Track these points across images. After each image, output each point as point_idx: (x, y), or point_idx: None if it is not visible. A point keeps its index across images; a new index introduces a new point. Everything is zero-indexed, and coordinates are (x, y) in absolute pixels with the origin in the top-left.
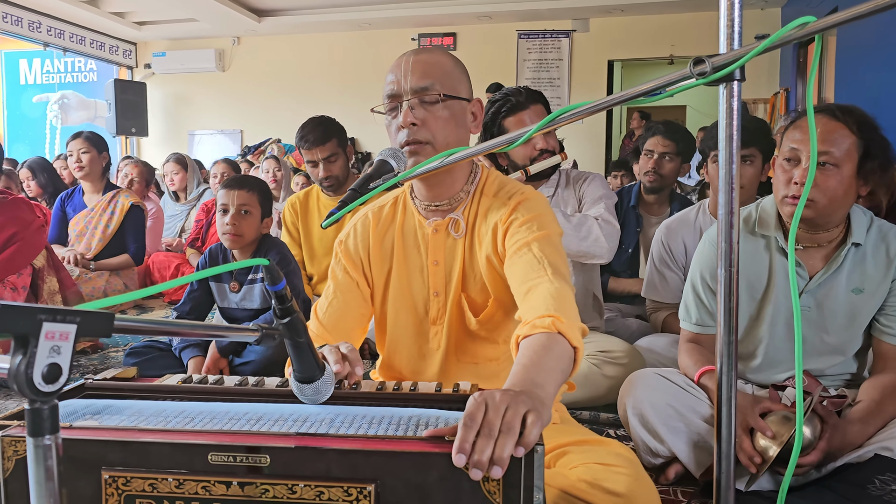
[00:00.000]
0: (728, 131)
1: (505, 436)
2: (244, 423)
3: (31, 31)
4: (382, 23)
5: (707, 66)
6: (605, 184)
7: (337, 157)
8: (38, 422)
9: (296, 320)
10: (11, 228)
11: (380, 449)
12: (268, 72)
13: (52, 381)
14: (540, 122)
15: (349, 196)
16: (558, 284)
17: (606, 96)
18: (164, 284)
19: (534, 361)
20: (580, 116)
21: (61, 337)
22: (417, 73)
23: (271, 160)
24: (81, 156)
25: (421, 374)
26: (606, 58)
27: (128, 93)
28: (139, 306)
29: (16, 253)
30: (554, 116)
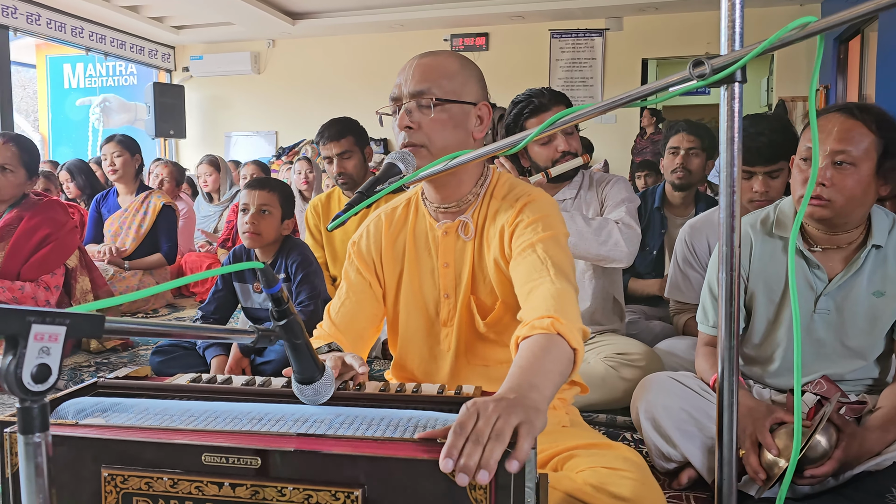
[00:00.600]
0: (729, 134)
1: (493, 442)
2: (245, 423)
3: (74, 37)
4: (415, 24)
5: (707, 67)
6: (628, 187)
7: (351, 155)
8: (29, 420)
9: (293, 322)
10: (46, 229)
11: (368, 454)
12: (302, 74)
13: (41, 381)
14: (539, 126)
15: (355, 199)
16: (560, 285)
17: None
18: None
19: (531, 363)
20: (583, 119)
21: (51, 338)
22: (417, 77)
23: (303, 161)
24: (115, 159)
25: (432, 376)
26: (640, 56)
27: (166, 96)
28: (171, 305)
29: (49, 253)
30: (554, 119)
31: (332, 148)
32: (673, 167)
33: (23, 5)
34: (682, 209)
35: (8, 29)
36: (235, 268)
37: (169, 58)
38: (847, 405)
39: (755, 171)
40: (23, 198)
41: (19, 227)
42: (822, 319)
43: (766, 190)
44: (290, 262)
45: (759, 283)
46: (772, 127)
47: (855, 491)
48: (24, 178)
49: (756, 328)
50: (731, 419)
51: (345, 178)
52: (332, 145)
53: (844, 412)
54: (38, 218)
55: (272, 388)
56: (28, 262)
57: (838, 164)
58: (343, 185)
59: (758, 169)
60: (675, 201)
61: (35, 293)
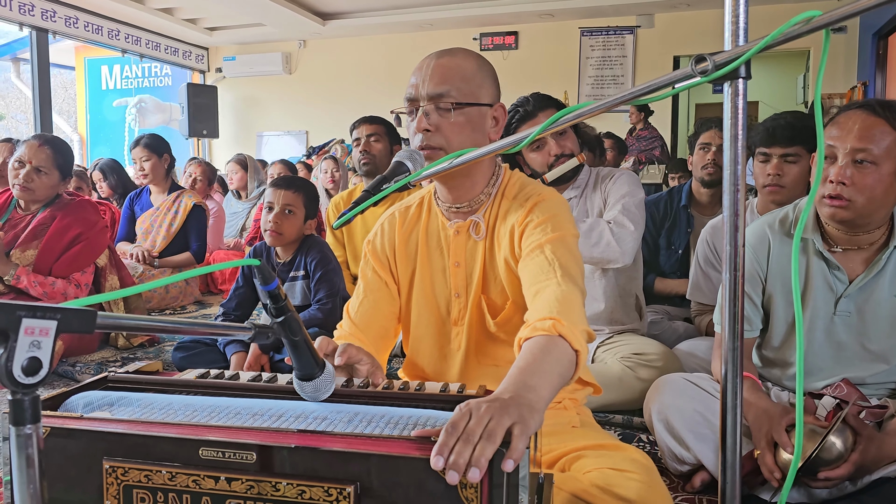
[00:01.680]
0: (733, 131)
1: (484, 441)
2: (245, 419)
3: (111, 39)
4: (444, 23)
5: (709, 63)
6: (630, 180)
7: (379, 140)
8: (20, 412)
9: (290, 319)
10: (77, 229)
11: (360, 450)
12: (332, 73)
13: (32, 374)
14: (542, 125)
15: (362, 197)
16: (566, 287)
17: (670, 96)
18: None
19: (530, 364)
20: (585, 117)
21: (41, 332)
22: (435, 79)
23: (329, 160)
24: (143, 164)
25: (443, 375)
26: (672, 54)
27: (200, 96)
28: (199, 302)
29: (81, 252)
30: (557, 117)
31: (364, 129)
32: (703, 163)
33: (62, 9)
34: (709, 208)
35: (48, 32)
36: (233, 264)
37: (202, 59)
38: (867, 409)
39: (771, 154)
40: (56, 198)
41: (52, 227)
42: (843, 322)
43: (779, 173)
44: (310, 259)
45: (778, 284)
46: (793, 114)
47: (873, 497)
48: (58, 180)
49: (775, 330)
50: (735, 421)
51: (367, 159)
52: (364, 127)
53: (864, 416)
54: (70, 218)
55: (276, 385)
56: (59, 259)
57: (859, 162)
58: (364, 164)
59: (774, 150)
60: (703, 199)
61: (66, 289)
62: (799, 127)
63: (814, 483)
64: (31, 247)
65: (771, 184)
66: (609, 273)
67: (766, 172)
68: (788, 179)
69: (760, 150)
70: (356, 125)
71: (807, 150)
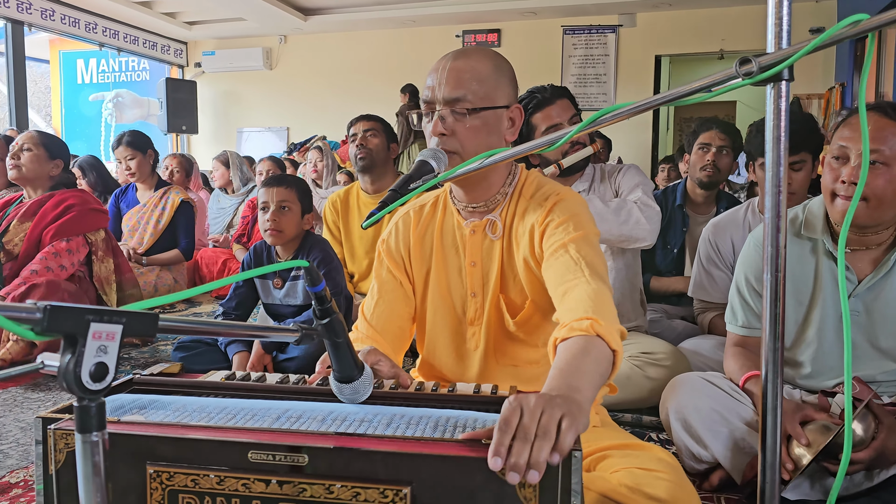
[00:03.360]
0: (775, 133)
1: (541, 440)
2: (284, 421)
3: (88, 32)
4: (427, 20)
5: (754, 65)
6: (640, 172)
7: (376, 135)
8: (86, 419)
9: (335, 321)
10: (72, 201)
11: (416, 451)
12: (314, 70)
13: (99, 380)
14: (583, 122)
15: (389, 196)
16: (595, 286)
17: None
18: (213, 284)
19: (571, 365)
20: (624, 117)
21: (108, 337)
22: (451, 83)
23: (315, 151)
24: (129, 163)
25: (460, 376)
26: (654, 53)
27: (179, 91)
28: (189, 301)
29: (71, 220)
30: (597, 116)
31: (361, 126)
32: (703, 164)
33: (38, 1)
34: (704, 207)
35: (23, 24)
36: (286, 265)
37: (181, 53)
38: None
39: None
40: (57, 185)
41: (50, 201)
42: (853, 321)
43: (788, 182)
44: (312, 258)
45: (789, 283)
46: (794, 119)
47: (890, 493)
48: (46, 158)
49: (787, 328)
50: (776, 422)
51: (364, 153)
52: (361, 123)
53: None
54: (69, 194)
55: (308, 387)
56: (50, 225)
57: (871, 163)
58: (361, 160)
59: None
60: (698, 199)
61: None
62: (801, 133)
63: (832, 467)
64: (28, 218)
65: None
66: (619, 264)
67: None
68: (795, 186)
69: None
70: (353, 122)
71: (809, 152)
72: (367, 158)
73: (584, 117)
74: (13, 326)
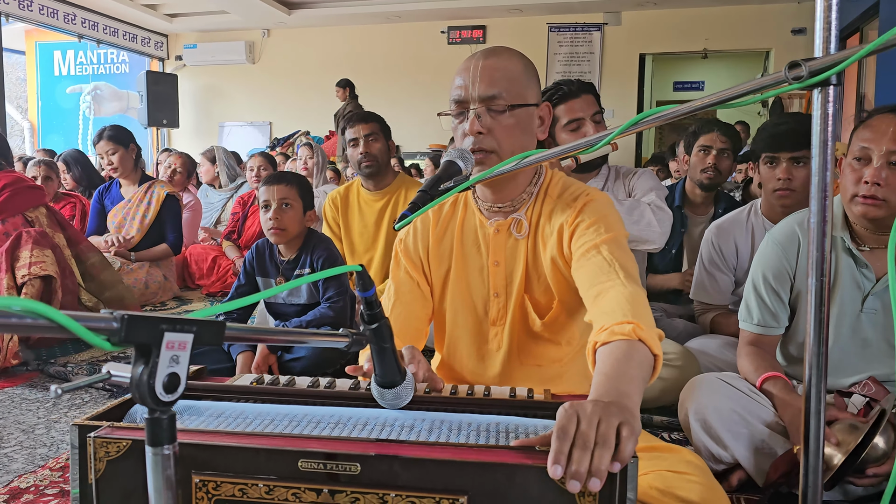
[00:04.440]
0: (822, 137)
1: (601, 448)
2: (325, 428)
3: (66, 23)
4: (412, 15)
5: (804, 70)
6: (654, 177)
7: (377, 139)
8: (158, 431)
9: (383, 326)
10: (2, 181)
11: (472, 460)
12: (297, 64)
13: (171, 391)
14: (625, 124)
15: (420, 197)
16: (632, 288)
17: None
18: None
19: (617, 370)
20: (666, 120)
21: (180, 346)
22: (486, 81)
23: (305, 148)
24: (111, 157)
25: (481, 376)
26: (638, 51)
27: (159, 84)
28: (178, 298)
29: (6, 200)
30: (640, 118)
31: (360, 129)
32: (703, 166)
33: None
34: (702, 208)
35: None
36: (336, 272)
37: (162, 46)
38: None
39: (779, 157)
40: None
41: None
42: (870, 319)
43: (790, 177)
44: (316, 257)
45: (807, 281)
46: (796, 119)
47: None
48: None
49: (802, 326)
50: (819, 426)
51: (369, 161)
52: (360, 126)
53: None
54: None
55: (344, 391)
56: None
57: (893, 164)
58: (367, 167)
59: (782, 155)
60: (697, 200)
61: None
62: (802, 131)
63: (860, 480)
64: None
65: (781, 188)
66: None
67: (776, 177)
68: (798, 182)
69: (768, 154)
70: (351, 124)
71: None
72: (373, 166)
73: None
74: (91, 336)
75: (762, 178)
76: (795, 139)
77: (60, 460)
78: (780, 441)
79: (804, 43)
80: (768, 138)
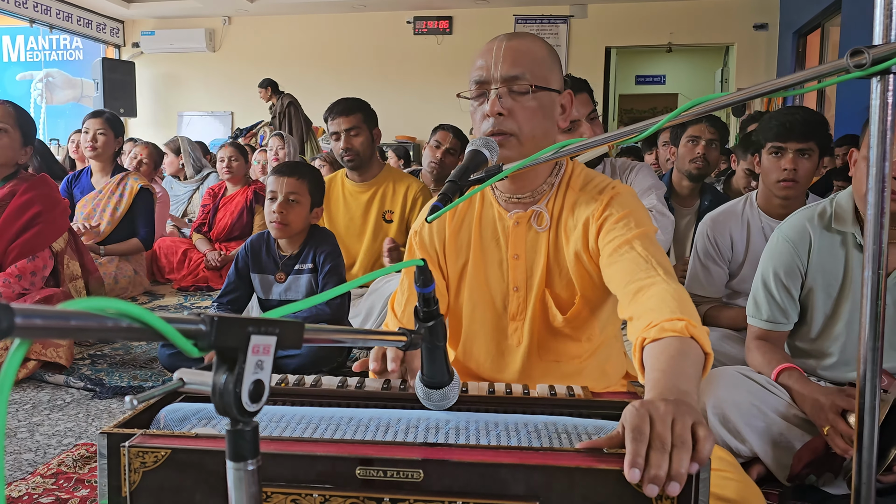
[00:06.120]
0: (881, 126)
1: (680, 449)
2: (372, 431)
3: (17, 7)
4: (377, 4)
5: (867, 57)
6: (652, 173)
7: (359, 133)
8: (241, 444)
9: (439, 324)
10: (37, 207)
11: (542, 464)
12: (260, 53)
13: (256, 400)
14: (668, 116)
15: (449, 187)
16: (675, 286)
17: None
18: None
19: (673, 368)
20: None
21: (264, 350)
22: (508, 61)
23: (276, 138)
24: (98, 136)
25: (501, 372)
26: (604, 44)
27: (116, 72)
28: (149, 293)
29: (37, 234)
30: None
31: (341, 123)
32: (692, 156)
33: None
34: (689, 199)
35: None
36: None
37: (118, 32)
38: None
39: (786, 148)
40: (17, 172)
41: (12, 203)
42: None
43: (795, 167)
44: (319, 252)
45: (818, 277)
46: (805, 110)
47: None
48: (20, 143)
49: (814, 322)
50: (873, 422)
51: (351, 156)
52: (342, 120)
53: None
54: (32, 193)
55: (383, 392)
56: (15, 241)
57: None
58: (349, 161)
59: (790, 145)
60: (684, 192)
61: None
62: (813, 122)
63: (885, 478)
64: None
65: (787, 179)
66: None
67: (782, 167)
68: (802, 174)
69: (775, 144)
70: (332, 116)
71: (818, 145)
72: (355, 160)
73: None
74: (183, 341)
75: (763, 168)
76: (804, 130)
77: (52, 466)
78: (798, 433)
79: (766, 38)
80: (778, 126)
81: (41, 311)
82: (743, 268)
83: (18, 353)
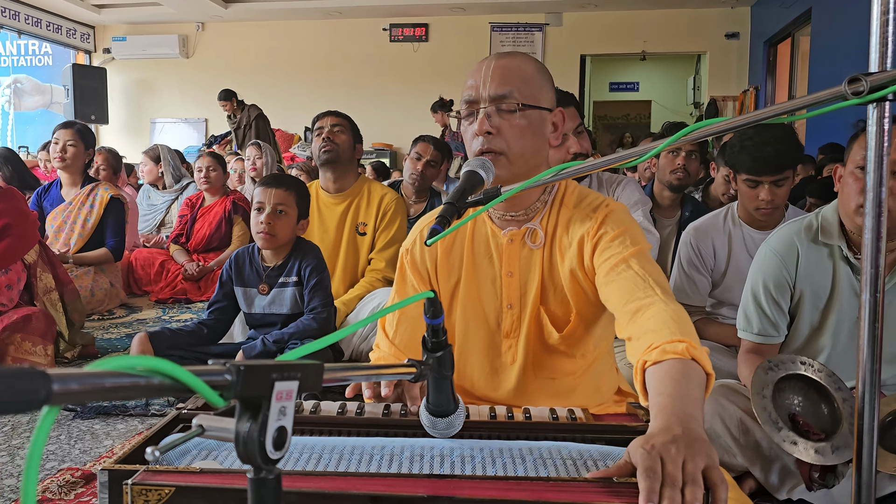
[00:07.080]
0: (878, 152)
1: (692, 486)
2: (377, 462)
3: None
4: (353, 12)
5: (864, 84)
6: (639, 188)
7: (343, 132)
8: (265, 494)
9: (447, 355)
10: (5, 219)
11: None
12: (234, 60)
13: (280, 447)
14: (668, 140)
15: (447, 210)
16: (674, 306)
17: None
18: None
19: (678, 392)
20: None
21: (287, 396)
22: (497, 80)
23: (253, 147)
24: (68, 147)
25: (495, 390)
26: (579, 52)
27: (87, 78)
28: (126, 306)
29: (8, 248)
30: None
31: (328, 121)
32: (673, 167)
33: None
34: (670, 210)
35: None
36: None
37: (89, 38)
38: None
39: (761, 181)
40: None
41: None
42: None
43: (772, 198)
44: (305, 265)
45: (807, 289)
46: (776, 136)
47: None
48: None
49: (799, 333)
50: (872, 442)
51: (330, 146)
52: (329, 118)
53: None
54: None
55: (382, 419)
56: None
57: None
58: (326, 153)
59: (765, 178)
60: (665, 202)
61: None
62: (785, 151)
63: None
64: None
65: (764, 208)
66: None
67: (759, 198)
68: (779, 200)
69: (749, 177)
70: (321, 116)
71: (793, 170)
72: (332, 152)
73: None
74: (210, 394)
75: (740, 191)
76: (778, 163)
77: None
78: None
79: (737, 46)
80: (751, 161)
81: (76, 374)
82: (726, 276)
83: (48, 421)
